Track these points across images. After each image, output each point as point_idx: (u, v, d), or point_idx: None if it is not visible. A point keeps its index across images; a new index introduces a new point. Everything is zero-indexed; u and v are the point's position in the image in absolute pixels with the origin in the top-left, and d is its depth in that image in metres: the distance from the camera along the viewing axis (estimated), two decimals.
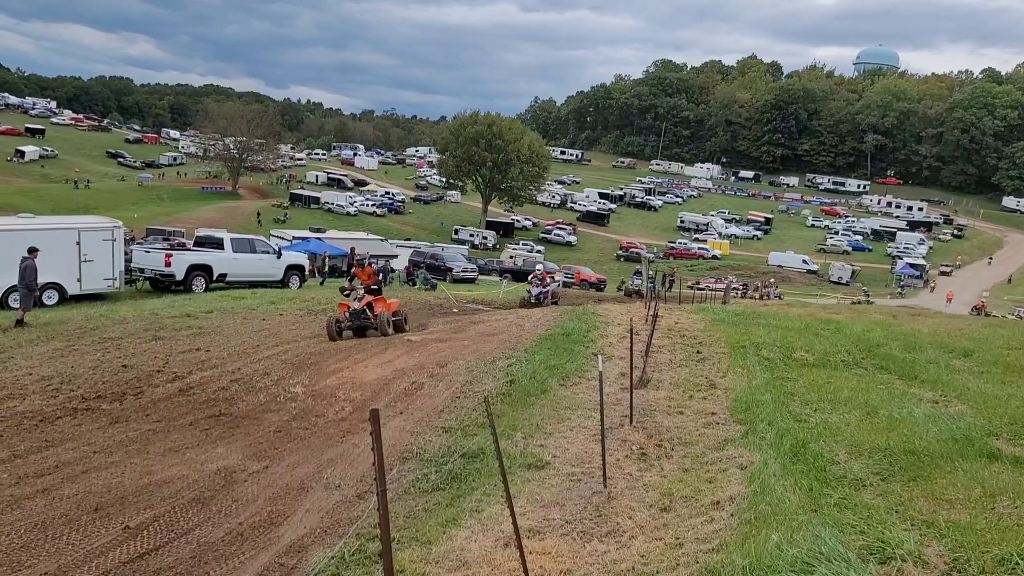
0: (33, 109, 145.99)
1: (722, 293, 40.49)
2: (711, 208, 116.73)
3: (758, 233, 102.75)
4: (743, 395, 11.86)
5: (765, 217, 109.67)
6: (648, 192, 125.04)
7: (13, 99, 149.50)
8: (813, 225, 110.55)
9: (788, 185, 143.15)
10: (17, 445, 9.62)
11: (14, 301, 20.27)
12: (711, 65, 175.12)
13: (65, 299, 21.80)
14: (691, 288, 45.82)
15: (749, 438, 9.52)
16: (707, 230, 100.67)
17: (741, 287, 52.44)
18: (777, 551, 5.54)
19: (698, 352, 15.98)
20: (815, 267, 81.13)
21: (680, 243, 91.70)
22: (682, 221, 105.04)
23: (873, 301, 50.64)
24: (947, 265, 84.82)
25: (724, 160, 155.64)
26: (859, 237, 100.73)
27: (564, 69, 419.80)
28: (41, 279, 19.87)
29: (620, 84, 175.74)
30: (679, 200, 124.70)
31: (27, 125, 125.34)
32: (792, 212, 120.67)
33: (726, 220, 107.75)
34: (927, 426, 9.56)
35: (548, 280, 29.78)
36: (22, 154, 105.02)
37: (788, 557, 5.42)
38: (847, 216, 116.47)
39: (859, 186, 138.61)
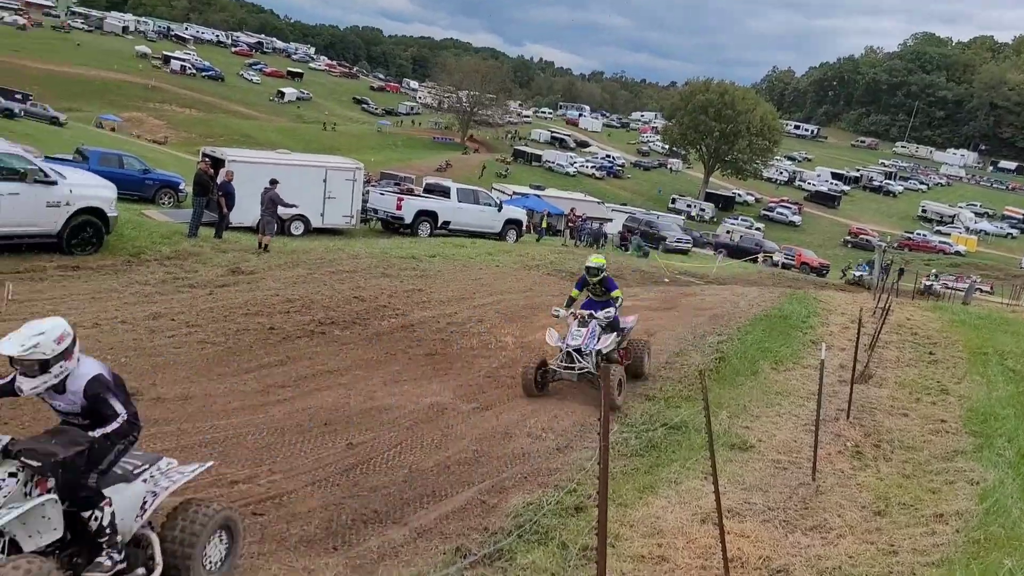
0: (295, 54, 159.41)
1: (963, 292, 36.92)
2: (960, 199, 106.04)
3: (1013, 231, 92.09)
4: (980, 405, 10.84)
5: None
6: (888, 176, 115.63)
7: (279, 44, 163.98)
8: None
9: None
10: (263, 357, 10.72)
11: (296, 228, 23.33)
12: (980, 41, 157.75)
13: (309, 231, 23.83)
14: (928, 284, 42.14)
15: (984, 453, 8.72)
16: (952, 223, 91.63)
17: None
18: None
19: (931, 353, 14.77)
20: None
21: (919, 234, 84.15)
22: (924, 211, 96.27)
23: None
24: None
25: (983, 147, 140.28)
26: None
27: (811, 38, 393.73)
28: (290, 211, 21.84)
29: (871, 57, 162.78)
30: (923, 187, 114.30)
31: (288, 69, 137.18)
32: None
33: (976, 214, 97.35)
34: None
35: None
36: (282, 95, 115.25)
37: None
38: None
39: None
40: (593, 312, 10.79)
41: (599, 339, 10.54)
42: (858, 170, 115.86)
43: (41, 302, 11.55)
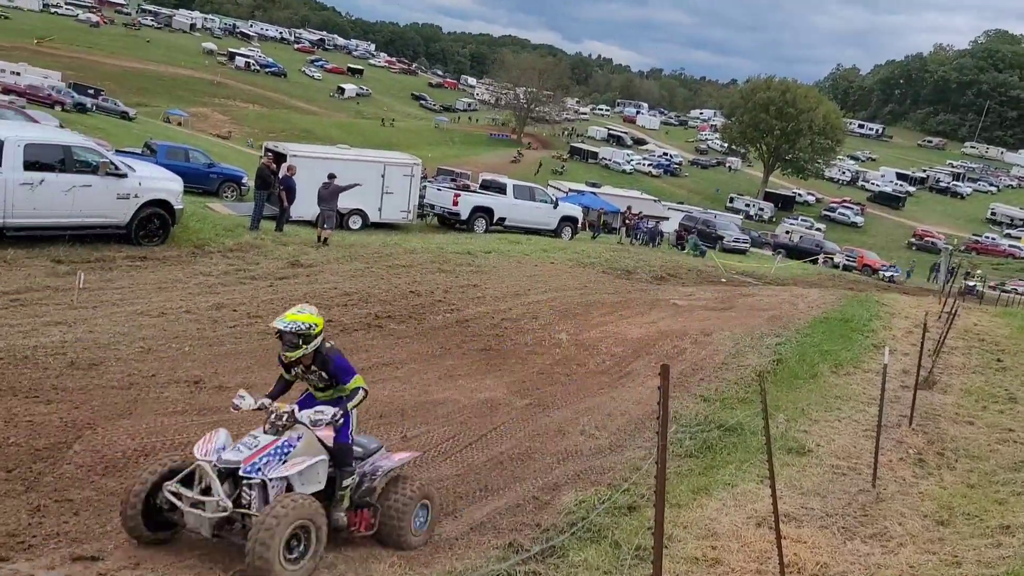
0: (356, 51, 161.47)
1: None
2: None
3: None
4: None
5: None
6: (956, 177, 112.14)
7: (340, 40, 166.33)
8: None
9: None
10: None
11: (354, 222, 23.45)
12: None
13: (366, 225, 24.13)
14: (993, 288, 40.84)
15: None
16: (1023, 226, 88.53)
17: None
18: None
19: (998, 360, 14.32)
20: None
21: (987, 237, 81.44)
22: (993, 213, 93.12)
23: None
24: None
25: None
26: None
27: (878, 35, 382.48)
28: (348, 205, 22.12)
29: (939, 55, 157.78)
30: (993, 189, 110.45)
31: (349, 65, 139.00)
32: None
33: None
34: None
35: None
36: (342, 91, 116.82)
37: None
38: None
39: None
40: (295, 410, 5.79)
41: (286, 461, 5.53)
42: (924, 171, 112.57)
43: (110, 291, 11.94)
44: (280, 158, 21.60)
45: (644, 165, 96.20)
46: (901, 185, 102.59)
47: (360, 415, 8.78)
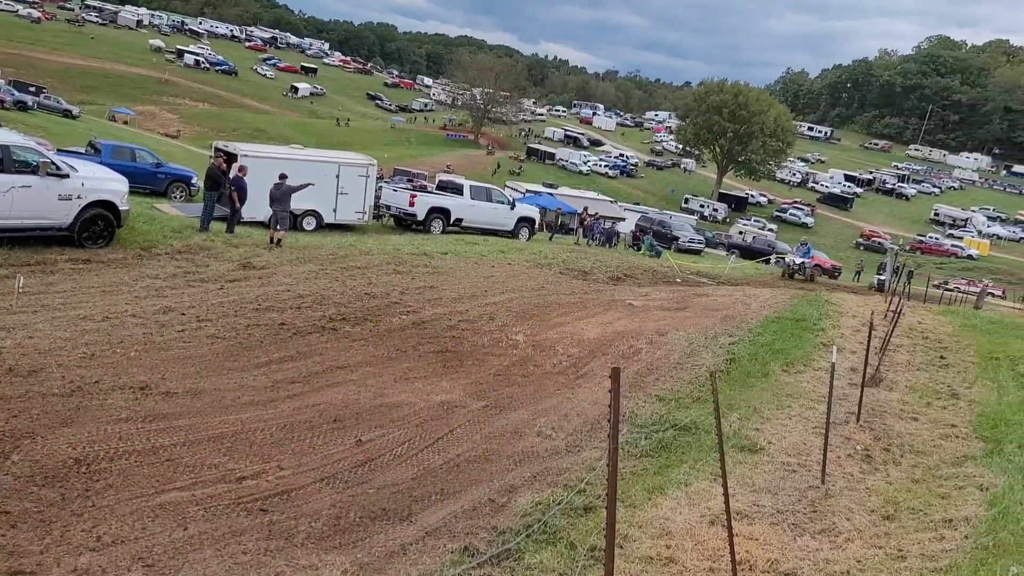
0: (309, 49, 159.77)
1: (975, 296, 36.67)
2: (973, 203, 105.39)
3: None
4: (991, 411, 10.78)
5: None
6: (901, 179, 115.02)
7: (293, 39, 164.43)
8: None
9: None
10: (273, 352, 10.73)
11: (308, 224, 23.43)
12: (996, 44, 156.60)
13: (321, 226, 23.88)
14: (937, 287, 41.98)
15: (993, 458, 8.67)
16: (965, 227, 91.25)
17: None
18: None
19: (941, 357, 14.69)
20: None
21: (931, 237, 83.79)
22: (936, 214, 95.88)
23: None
24: None
25: (996, 151, 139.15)
26: None
27: (827, 40, 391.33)
28: (302, 206, 21.86)
29: (884, 60, 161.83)
30: (936, 191, 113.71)
31: (302, 64, 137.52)
32: None
33: (990, 218, 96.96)
34: None
35: None
36: (296, 90, 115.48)
37: None
38: None
39: None
40: None
41: None
42: (871, 172, 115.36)
43: (52, 295, 11.60)
44: (231, 158, 21.27)
45: (600, 166, 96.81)
46: (849, 186, 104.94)
47: (314, 420, 8.69)
